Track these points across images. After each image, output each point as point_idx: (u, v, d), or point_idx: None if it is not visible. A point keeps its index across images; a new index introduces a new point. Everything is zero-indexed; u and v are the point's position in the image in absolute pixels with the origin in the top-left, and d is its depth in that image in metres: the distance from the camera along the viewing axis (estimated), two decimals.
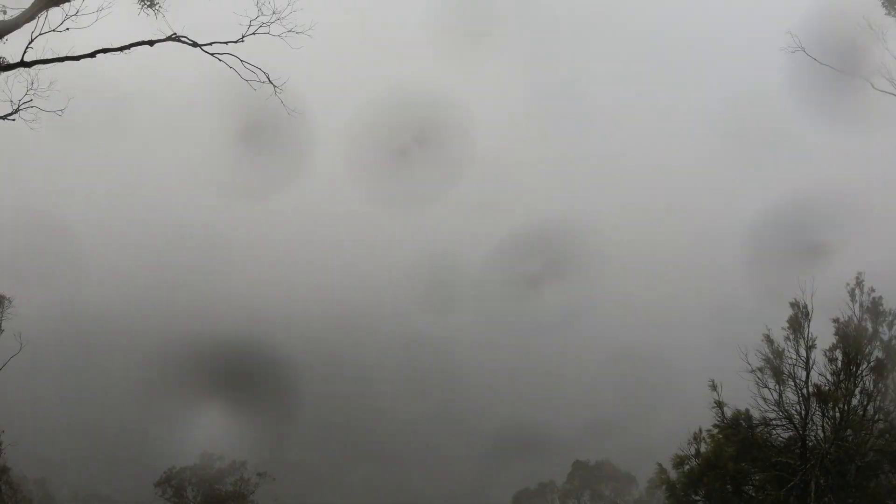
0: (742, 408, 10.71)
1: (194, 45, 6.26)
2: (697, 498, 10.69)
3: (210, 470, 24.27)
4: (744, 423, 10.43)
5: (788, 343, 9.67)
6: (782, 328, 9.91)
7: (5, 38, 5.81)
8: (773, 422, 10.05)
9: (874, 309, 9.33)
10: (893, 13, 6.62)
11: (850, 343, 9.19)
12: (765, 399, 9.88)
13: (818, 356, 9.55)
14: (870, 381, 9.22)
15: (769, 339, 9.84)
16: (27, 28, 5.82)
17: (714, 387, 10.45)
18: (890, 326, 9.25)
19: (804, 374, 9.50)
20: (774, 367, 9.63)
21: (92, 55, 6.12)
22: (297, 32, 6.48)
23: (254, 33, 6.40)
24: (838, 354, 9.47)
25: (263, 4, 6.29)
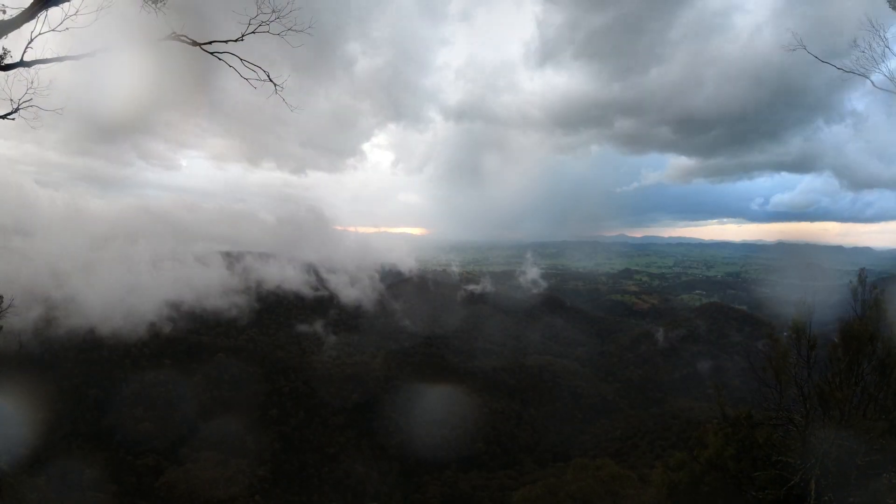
0: (744, 408, 10.76)
1: (194, 43, 6.28)
2: (699, 498, 10.72)
3: None
4: (745, 423, 10.44)
5: (790, 342, 9.68)
6: (784, 328, 9.95)
7: (5, 37, 5.81)
8: (774, 421, 10.06)
9: (876, 307, 9.32)
10: None
11: (852, 342, 9.16)
12: (766, 399, 9.90)
13: (820, 355, 9.55)
14: (871, 381, 9.20)
15: (772, 339, 9.87)
16: (27, 28, 5.83)
17: (716, 387, 10.48)
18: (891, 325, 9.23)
19: (806, 373, 9.50)
20: (776, 366, 9.64)
21: (92, 55, 6.13)
22: (296, 31, 6.51)
23: (253, 32, 6.42)
24: (840, 353, 9.45)
25: (263, 2, 6.31)
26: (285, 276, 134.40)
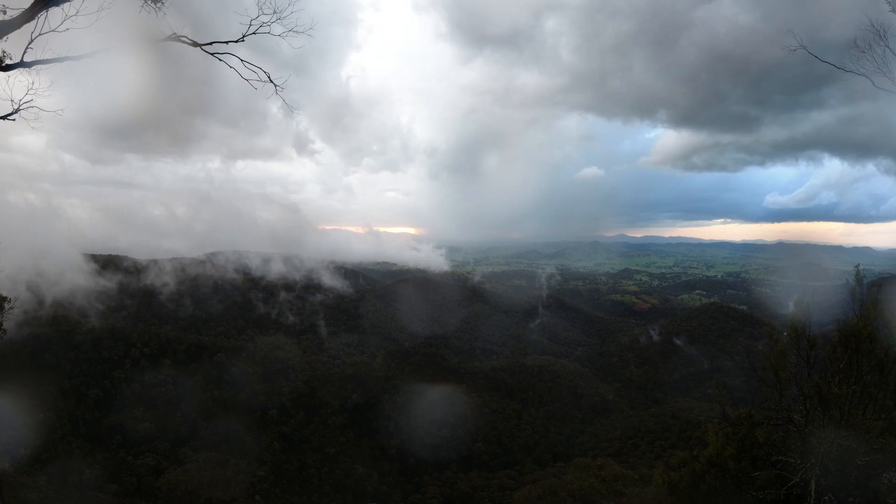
0: (744, 407, 10.76)
1: (194, 44, 6.28)
2: (699, 497, 10.72)
3: None
4: (745, 423, 10.45)
5: (790, 342, 9.69)
6: (783, 327, 9.95)
7: (5, 38, 5.81)
8: (774, 421, 10.06)
9: (875, 306, 9.31)
10: None
11: (851, 341, 9.17)
12: (766, 398, 9.91)
13: (819, 355, 9.56)
14: (871, 380, 9.20)
15: (771, 339, 9.87)
16: (27, 28, 5.82)
17: (716, 387, 10.52)
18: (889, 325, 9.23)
19: (805, 373, 9.50)
20: (776, 366, 9.64)
21: (92, 55, 6.12)
22: (297, 32, 6.52)
23: (254, 33, 6.42)
24: (839, 353, 9.45)
25: (264, 4, 6.32)
26: (281, 274, 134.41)
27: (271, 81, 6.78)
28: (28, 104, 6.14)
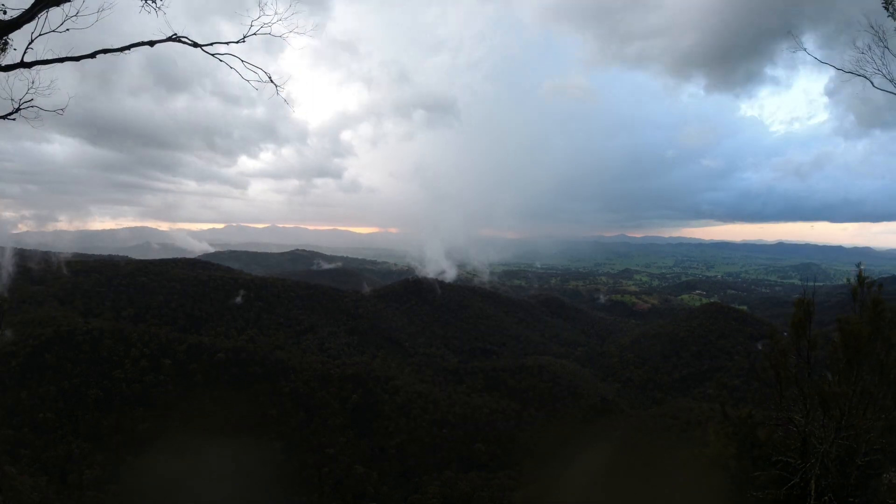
0: (744, 407, 10.77)
1: (195, 45, 6.27)
2: (699, 497, 10.72)
3: None
4: (745, 423, 10.45)
5: (790, 342, 9.68)
6: (784, 328, 9.94)
7: (5, 38, 5.81)
8: (774, 421, 10.06)
9: (876, 307, 9.31)
10: None
11: (851, 341, 9.17)
12: (766, 398, 9.90)
13: (820, 355, 9.55)
14: (871, 380, 9.20)
15: (772, 339, 9.87)
16: (27, 28, 5.82)
17: (717, 386, 10.52)
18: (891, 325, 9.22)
19: (806, 373, 9.49)
20: (776, 366, 9.63)
21: (92, 55, 6.12)
22: (299, 34, 6.50)
23: (255, 33, 6.40)
24: (839, 353, 9.44)
25: (265, 5, 6.30)
26: (282, 274, 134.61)
27: (272, 82, 6.76)
28: (28, 104, 6.14)
